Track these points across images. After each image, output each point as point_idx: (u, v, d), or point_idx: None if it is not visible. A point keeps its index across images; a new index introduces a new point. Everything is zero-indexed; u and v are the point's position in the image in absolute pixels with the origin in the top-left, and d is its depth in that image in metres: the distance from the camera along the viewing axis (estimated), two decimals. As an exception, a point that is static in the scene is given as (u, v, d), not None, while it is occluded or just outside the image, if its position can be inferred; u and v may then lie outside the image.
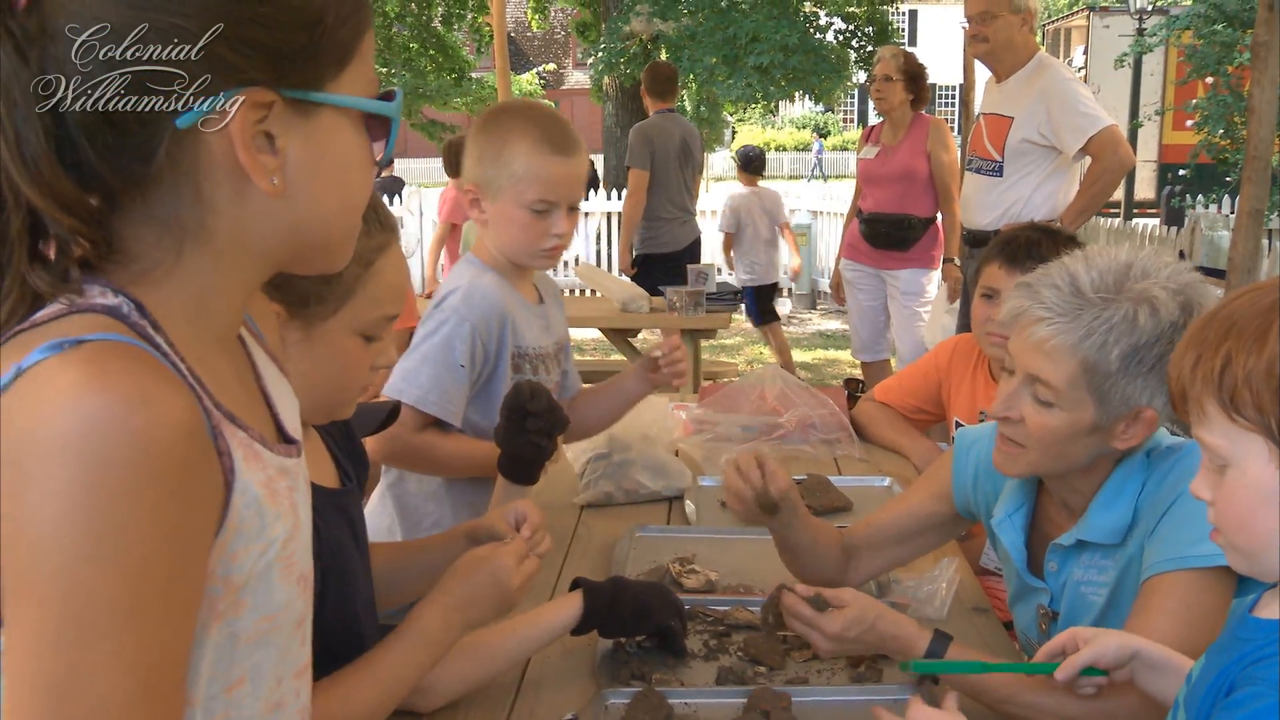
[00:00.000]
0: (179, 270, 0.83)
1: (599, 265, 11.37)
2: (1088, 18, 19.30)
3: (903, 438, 2.92)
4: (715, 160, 25.13)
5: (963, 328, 4.40)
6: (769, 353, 7.90)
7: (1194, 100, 13.87)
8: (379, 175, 2.72)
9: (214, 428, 0.80)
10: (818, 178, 31.17)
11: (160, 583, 0.74)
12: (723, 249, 7.72)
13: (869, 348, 5.61)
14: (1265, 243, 7.08)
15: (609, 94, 13.66)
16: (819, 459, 2.83)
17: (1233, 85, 12.94)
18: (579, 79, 33.02)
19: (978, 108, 4.88)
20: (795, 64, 12.60)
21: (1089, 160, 4.19)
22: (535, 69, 30.60)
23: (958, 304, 4.95)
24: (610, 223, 11.47)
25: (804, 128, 41.32)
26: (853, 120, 42.41)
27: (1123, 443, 1.62)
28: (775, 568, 1.96)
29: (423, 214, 11.05)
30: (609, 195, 11.66)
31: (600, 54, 13.24)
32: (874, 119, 5.97)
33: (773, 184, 8.48)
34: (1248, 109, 5.36)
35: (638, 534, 2.27)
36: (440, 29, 17.95)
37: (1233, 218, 6.47)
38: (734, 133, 34.54)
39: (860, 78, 15.56)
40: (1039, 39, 8.10)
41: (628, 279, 6.23)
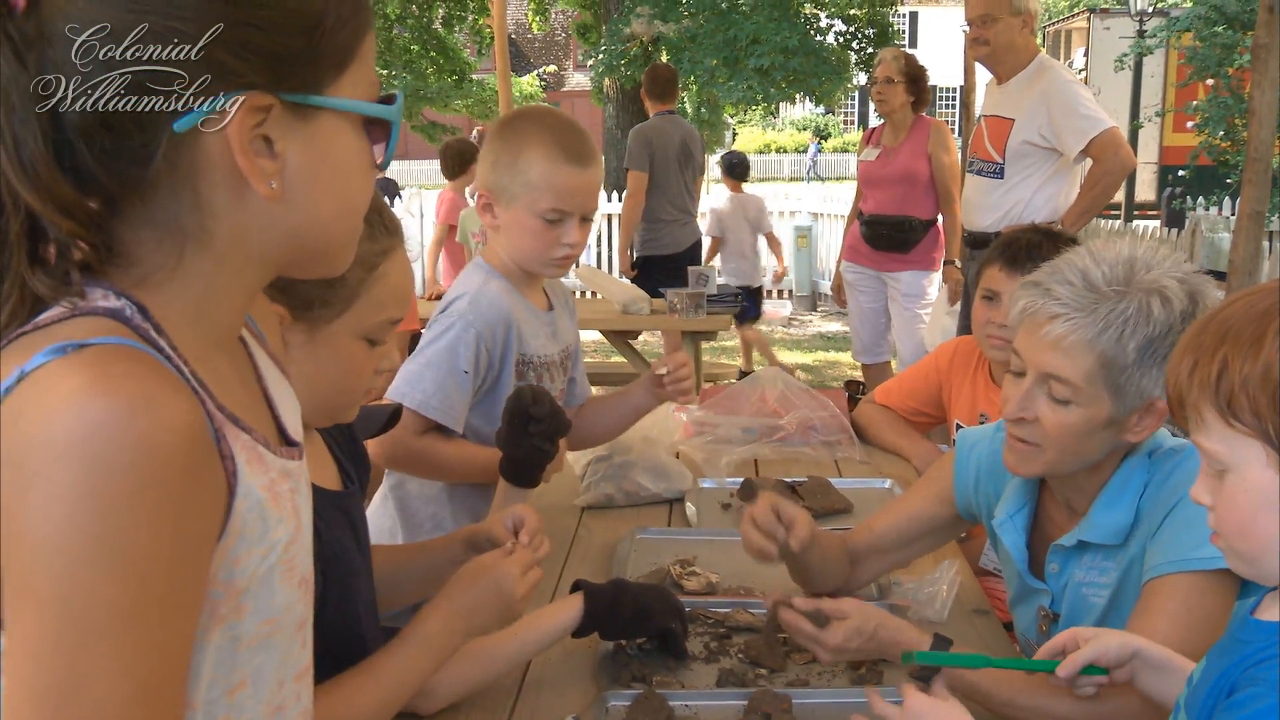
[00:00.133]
0: (180, 273, 0.83)
1: (599, 267, 11.36)
2: (1088, 19, 19.28)
3: (903, 440, 2.92)
4: (715, 162, 25.10)
5: (963, 330, 4.39)
6: (769, 354, 7.91)
7: (1194, 102, 13.88)
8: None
9: (217, 431, 0.80)
10: (814, 179, 31.29)
11: (161, 586, 0.74)
12: (708, 254, 7.75)
13: (870, 350, 5.60)
14: (1266, 245, 7.09)
15: (609, 96, 13.67)
16: (819, 461, 2.83)
17: (1233, 87, 12.96)
18: (579, 81, 33.02)
19: (978, 110, 4.88)
20: (796, 66, 12.63)
21: (1090, 162, 4.19)
22: (536, 71, 30.59)
23: (958, 306, 4.95)
24: (611, 225, 11.46)
25: (804, 129, 41.33)
26: (853, 122, 42.40)
27: (1135, 435, 1.62)
28: (776, 570, 1.96)
29: (423, 216, 11.02)
30: (609, 197, 11.66)
31: (601, 56, 13.26)
32: (874, 121, 5.96)
33: (773, 186, 8.52)
34: (1248, 111, 5.36)
35: (638, 536, 2.27)
36: (441, 31, 17.97)
37: (1233, 220, 6.48)
38: (734, 134, 34.53)
39: (861, 80, 15.58)
40: (1039, 41, 8.11)
41: (628, 281, 6.23)
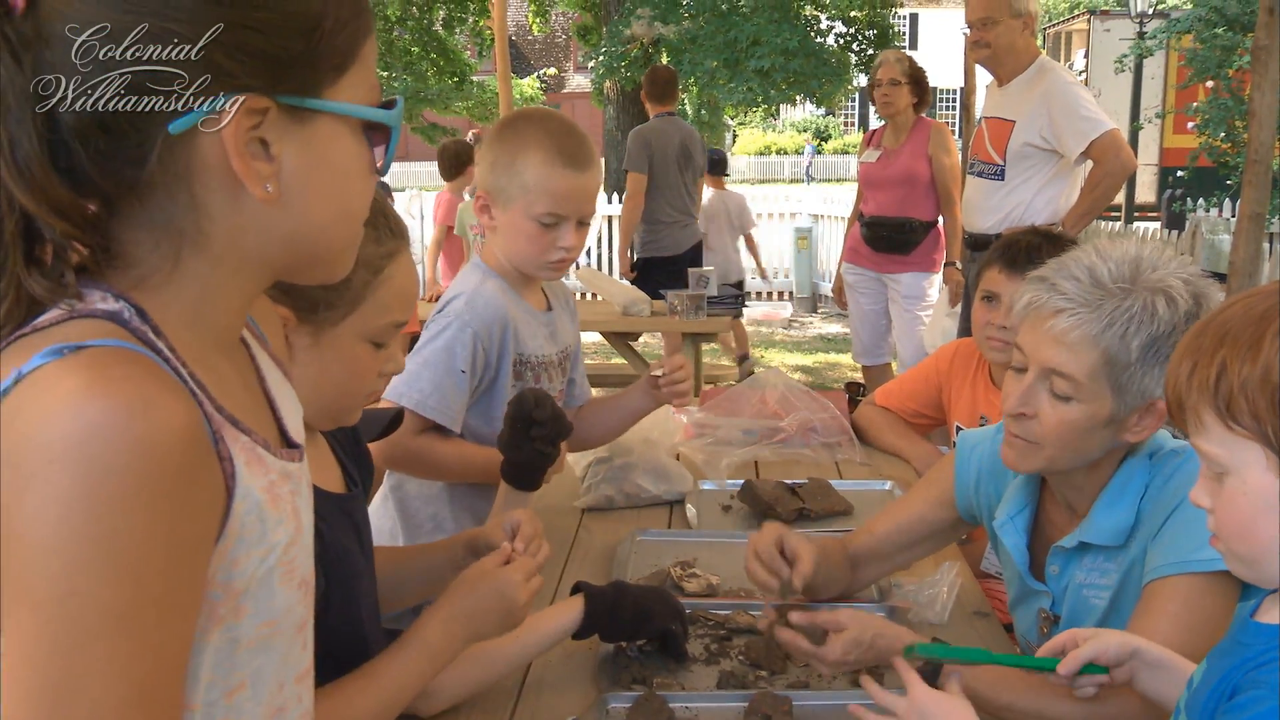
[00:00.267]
0: (177, 276, 0.83)
1: (599, 268, 11.36)
2: (1088, 21, 19.29)
3: (903, 441, 2.92)
4: (715, 164, 25.10)
5: (964, 331, 4.39)
6: (769, 355, 7.90)
7: (1195, 104, 13.88)
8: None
9: (215, 433, 0.80)
10: (810, 180, 31.40)
11: (157, 588, 0.74)
12: None
13: (870, 351, 5.60)
14: (1266, 246, 7.08)
15: (610, 97, 13.69)
16: (820, 463, 2.83)
17: (1233, 89, 12.96)
18: (580, 82, 33.05)
19: (979, 111, 4.88)
20: (796, 67, 12.64)
21: (1090, 164, 4.19)
22: (536, 73, 30.64)
23: (959, 308, 4.95)
24: (611, 226, 11.46)
25: (805, 131, 41.36)
26: (853, 124, 42.42)
27: (1135, 435, 1.62)
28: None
29: (424, 217, 11.03)
30: (609, 199, 11.66)
31: (601, 58, 13.27)
32: (875, 123, 5.96)
33: (774, 188, 8.50)
34: (1248, 113, 5.35)
35: (639, 538, 2.27)
36: (441, 32, 18.00)
37: (1233, 221, 6.47)
38: (735, 136, 34.55)
39: (861, 81, 15.58)
40: (1039, 43, 8.11)
41: (628, 282, 6.23)
